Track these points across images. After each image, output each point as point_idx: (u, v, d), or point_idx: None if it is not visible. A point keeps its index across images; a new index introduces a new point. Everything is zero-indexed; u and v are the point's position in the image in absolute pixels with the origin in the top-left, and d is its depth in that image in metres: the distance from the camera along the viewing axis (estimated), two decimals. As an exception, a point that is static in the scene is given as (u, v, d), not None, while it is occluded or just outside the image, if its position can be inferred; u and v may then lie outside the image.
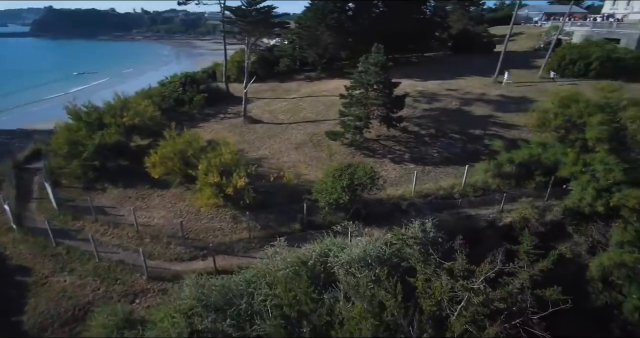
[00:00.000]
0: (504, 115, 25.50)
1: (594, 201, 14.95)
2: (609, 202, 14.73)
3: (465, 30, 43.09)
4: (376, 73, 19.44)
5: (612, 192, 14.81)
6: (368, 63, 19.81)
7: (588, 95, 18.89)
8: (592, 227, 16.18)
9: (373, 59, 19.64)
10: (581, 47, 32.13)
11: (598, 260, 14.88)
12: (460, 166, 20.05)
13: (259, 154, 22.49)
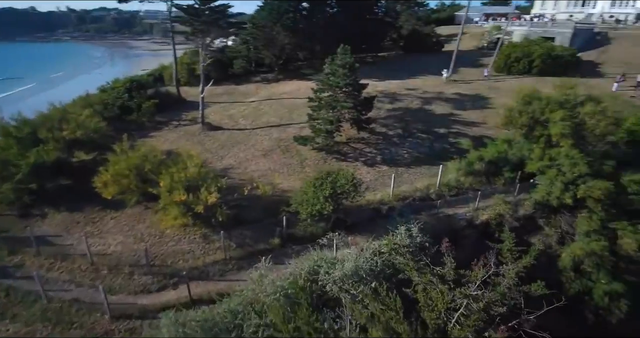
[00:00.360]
0: (463, 113, 26.32)
1: (562, 194, 15.63)
2: (576, 194, 15.47)
3: (415, 31, 44.28)
4: (345, 75, 18.86)
5: (577, 185, 15.58)
6: (335, 65, 19.18)
7: (536, 91, 19.97)
8: (560, 218, 16.99)
9: (340, 61, 19.03)
10: (524, 46, 34.33)
11: (570, 250, 15.60)
12: (430, 166, 20.23)
13: (224, 163, 20.92)
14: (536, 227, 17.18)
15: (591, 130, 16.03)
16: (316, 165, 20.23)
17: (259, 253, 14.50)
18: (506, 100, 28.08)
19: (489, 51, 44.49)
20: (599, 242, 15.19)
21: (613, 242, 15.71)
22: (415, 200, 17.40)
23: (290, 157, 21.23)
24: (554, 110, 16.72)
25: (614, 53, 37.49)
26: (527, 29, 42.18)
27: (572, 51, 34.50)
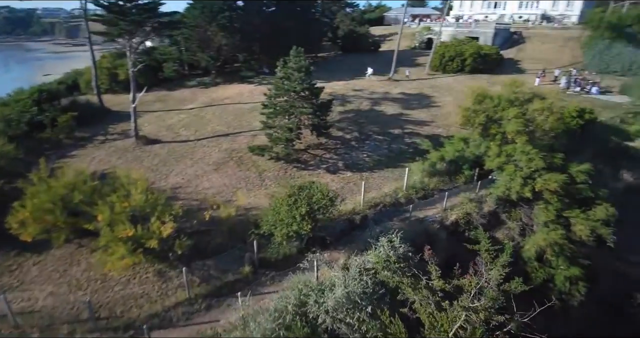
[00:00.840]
0: (412, 112, 26.73)
1: (522, 188, 16.25)
2: (534, 188, 16.19)
3: (352, 31, 44.57)
4: (301, 79, 17.64)
5: (534, 179, 16.32)
6: (290, 68, 17.84)
7: (485, 90, 20.88)
8: (519, 211, 17.77)
9: (295, 64, 17.75)
10: (455, 46, 36.25)
11: (533, 241, 16.31)
12: (393, 168, 19.97)
13: (170, 182, 18.38)
14: (499, 222, 17.77)
15: (541, 126, 16.97)
16: (277, 176, 18.73)
17: (228, 286, 12.77)
18: (448, 98, 29.34)
19: (422, 51, 46.62)
20: (557, 231, 16.08)
21: (568, 230, 16.78)
22: (386, 206, 16.89)
23: (247, 169, 19.41)
24: (506, 108, 17.41)
25: (528, 51, 41.51)
26: (453, 29, 44.88)
27: (496, 50, 37.34)
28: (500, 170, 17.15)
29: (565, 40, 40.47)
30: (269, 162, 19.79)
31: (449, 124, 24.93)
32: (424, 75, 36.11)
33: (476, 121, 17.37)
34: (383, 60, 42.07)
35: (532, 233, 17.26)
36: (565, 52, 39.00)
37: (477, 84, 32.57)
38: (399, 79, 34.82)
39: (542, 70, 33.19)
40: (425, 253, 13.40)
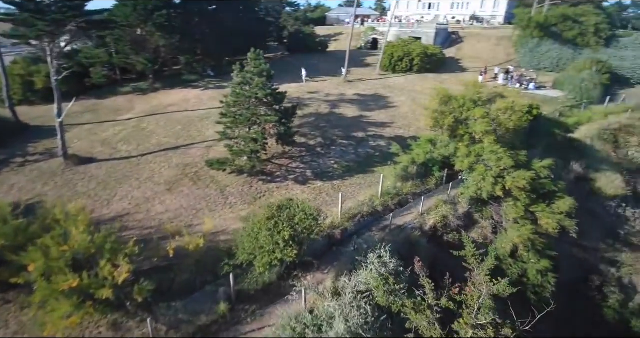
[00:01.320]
0: (371, 114, 26.32)
1: (494, 187, 16.38)
2: (505, 186, 16.40)
3: (299, 31, 43.36)
4: (263, 84, 16.04)
5: (504, 177, 16.54)
6: (250, 72, 16.13)
7: (447, 91, 21.04)
8: (490, 210, 18.00)
9: (255, 68, 16.09)
10: (403, 46, 36.78)
11: (508, 238, 16.56)
12: (363, 174, 19.22)
13: (114, 209, 15.72)
14: (473, 222, 17.86)
15: (505, 125, 17.30)
16: (241, 192, 16.94)
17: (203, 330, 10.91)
18: (403, 98, 29.49)
19: (368, 51, 46.95)
20: (527, 227, 16.48)
21: (535, 224, 17.31)
22: (364, 216, 16.02)
23: (206, 186, 17.33)
24: (471, 108, 17.50)
25: (466, 50, 43.72)
26: (397, 29, 45.78)
27: (440, 49, 38.62)
28: (471, 171, 17.16)
29: (499, 39, 43.29)
30: (231, 177, 17.90)
31: (409, 124, 24.92)
32: (375, 76, 36.15)
33: (445, 122, 17.23)
34: (333, 61, 41.62)
35: (504, 231, 17.60)
36: (499, 51, 41.67)
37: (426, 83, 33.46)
38: (352, 79, 34.42)
39: (484, 68, 34.96)
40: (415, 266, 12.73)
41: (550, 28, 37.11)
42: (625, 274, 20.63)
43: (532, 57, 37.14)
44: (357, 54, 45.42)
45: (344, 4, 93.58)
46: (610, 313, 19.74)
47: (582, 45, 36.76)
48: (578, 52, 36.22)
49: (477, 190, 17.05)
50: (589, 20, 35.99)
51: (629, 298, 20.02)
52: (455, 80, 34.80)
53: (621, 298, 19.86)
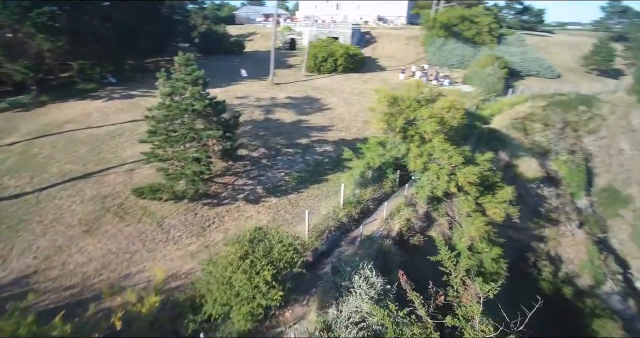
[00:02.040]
0: (309, 118, 25.18)
1: (448, 184, 16.65)
2: (458, 182, 16.79)
3: (211, 31, 39.95)
4: (200, 94, 13.61)
5: (455, 174, 16.92)
6: (182, 80, 13.51)
7: (391, 92, 20.99)
8: (444, 206, 18.37)
9: (188, 75, 13.53)
10: (326, 46, 36.37)
11: (466, 232, 17.02)
12: (318, 184, 17.97)
13: (14, 268, 11.79)
14: (431, 220, 18.01)
15: (449, 123, 17.72)
16: (185, 223, 14.27)
17: None
18: (335, 99, 29.01)
19: (287, 51, 45.70)
20: (480, 219, 17.17)
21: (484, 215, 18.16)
22: (331, 231, 14.82)
23: (137, 221, 14.19)
24: (417, 108, 17.53)
25: (380, 49, 45.47)
26: (314, 29, 45.36)
27: (359, 49, 39.25)
28: (425, 170, 17.20)
29: (408, 39, 45.97)
30: (167, 205, 15.01)
31: (348, 126, 24.44)
32: (301, 77, 35.09)
33: (397, 125, 16.93)
34: (253, 62, 39.42)
35: (459, 225, 18.13)
36: (410, 50, 44.23)
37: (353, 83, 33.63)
38: (279, 81, 32.81)
39: (403, 67, 36.56)
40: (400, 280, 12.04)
41: (452, 28, 40.56)
42: (551, 248, 23.26)
43: (440, 55, 40.14)
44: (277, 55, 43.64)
45: (248, 2, 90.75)
46: (545, 285, 22.02)
47: (479, 43, 41.03)
48: (477, 50, 40.31)
49: (433, 188, 17.18)
50: (483, 21, 40.33)
51: (557, 268, 22.62)
52: (378, 79, 35.77)
53: (552, 269, 22.32)
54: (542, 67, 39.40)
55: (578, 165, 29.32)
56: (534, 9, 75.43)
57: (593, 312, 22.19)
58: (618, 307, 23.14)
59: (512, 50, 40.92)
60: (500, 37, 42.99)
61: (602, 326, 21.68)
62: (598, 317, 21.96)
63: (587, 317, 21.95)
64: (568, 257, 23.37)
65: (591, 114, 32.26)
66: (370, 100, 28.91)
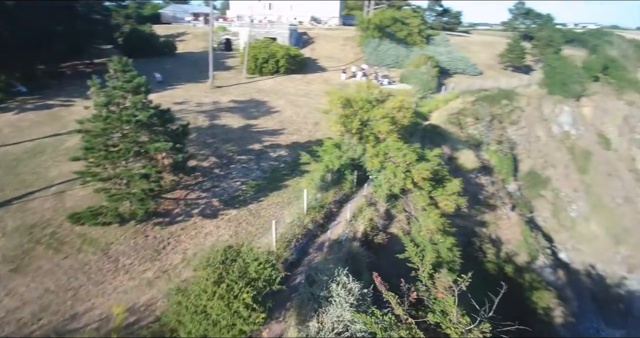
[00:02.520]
0: (258, 122, 24.31)
1: (404, 181, 17.20)
2: (413, 179, 17.42)
3: (136, 31, 36.66)
4: (143, 103, 12.24)
5: (410, 171, 17.53)
6: (120, 89, 11.99)
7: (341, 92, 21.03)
8: (401, 202, 18.94)
9: (127, 82, 12.05)
10: (266, 47, 35.46)
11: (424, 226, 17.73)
12: (277, 191, 17.38)
13: None
14: (391, 217, 18.46)
15: (400, 122, 18.29)
16: (135, 248, 12.77)
17: None
18: (281, 102, 28.47)
19: (223, 52, 43.83)
20: (434, 211, 18.03)
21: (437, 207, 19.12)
22: (299, 239, 14.38)
23: (77, 252, 12.36)
24: (370, 109, 17.80)
25: (319, 50, 45.75)
26: (251, 29, 43.98)
27: (299, 51, 38.97)
28: (382, 169, 17.54)
29: (345, 39, 46.88)
30: (111, 229, 13.32)
31: (299, 129, 24.08)
32: (243, 79, 33.80)
33: (353, 126, 16.98)
34: (187, 64, 37.13)
35: (415, 219, 18.85)
36: (348, 50, 45.16)
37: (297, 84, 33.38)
38: (220, 84, 31.23)
39: (344, 68, 37.15)
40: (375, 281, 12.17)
41: (385, 29, 42.23)
42: (492, 231, 25.36)
43: (376, 55, 41.57)
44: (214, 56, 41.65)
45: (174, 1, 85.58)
46: (490, 266, 23.94)
47: (411, 44, 43.30)
48: (410, 50, 42.50)
49: (390, 186, 17.61)
50: (413, 22, 42.62)
51: (499, 249, 24.73)
52: (320, 79, 35.91)
53: (494, 251, 24.35)
54: (466, 65, 42.87)
55: (506, 154, 32.41)
56: (453, 11, 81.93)
57: (531, 286, 24.64)
58: (550, 279, 26.08)
59: (440, 49, 43.91)
60: (428, 37, 45.86)
61: (540, 297, 24.21)
62: (536, 290, 24.47)
63: (526, 290, 24.31)
64: (507, 238, 25.69)
65: (512, 107, 35.93)
66: (317, 101, 28.92)
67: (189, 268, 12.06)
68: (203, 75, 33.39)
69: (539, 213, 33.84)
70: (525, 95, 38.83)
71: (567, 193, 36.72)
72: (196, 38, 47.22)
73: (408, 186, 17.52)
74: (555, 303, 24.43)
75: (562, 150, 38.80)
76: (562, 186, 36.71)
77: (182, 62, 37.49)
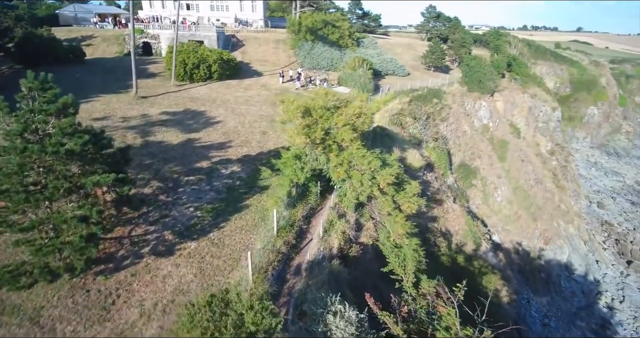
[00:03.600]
0: (200, 135, 21.96)
1: (371, 189, 16.85)
2: (379, 185, 17.14)
3: (33, 35, 30.84)
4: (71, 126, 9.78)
5: (375, 177, 17.23)
6: (41, 111, 9.37)
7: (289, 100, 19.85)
8: (367, 210, 18.57)
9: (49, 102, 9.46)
10: (194, 51, 32.47)
11: (393, 232, 17.56)
12: (238, 213, 15.70)
13: None
14: (360, 226, 17.96)
15: (360, 129, 17.84)
16: (75, 309, 10.21)
17: None
18: (221, 110, 26.36)
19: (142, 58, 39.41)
20: (400, 215, 18.02)
21: (400, 210, 19.17)
22: (275, 266, 12.99)
23: None
24: (329, 117, 17.03)
25: (251, 53, 43.76)
26: (172, 32, 40.21)
27: (231, 55, 36.60)
28: (348, 177, 16.94)
29: (276, 42, 45.53)
30: (38, 289, 10.52)
31: (247, 140, 22.35)
32: (172, 87, 30.51)
33: (316, 136, 15.99)
34: (100, 73, 32.49)
35: (382, 225, 18.65)
36: (280, 53, 43.93)
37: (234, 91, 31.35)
38: (146, 94, 27.74)
39: (281, 71, 35.89)
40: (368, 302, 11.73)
41: (317, 32, 41.97)
42: (442, 225, 26.53)
43: (311, 58, 41.08)
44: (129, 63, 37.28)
45: (72, 1, 75.46)
46: (445, 259, 25.00)
47: (343, 47, 43.70)
48: (343, 53, 42.84)
49: (358, 195, 17.13)
50: (344, 25, 43.03)
51: (449, 242, 25.95)
52: (258, 85, 34.21)
53: (446, 243, 25.50)
54: (396, 67, 44.70)
55: (442, 149, 34.38)
56: (373, 14, 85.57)
57: (480, 271, 26.35)
58: (493, 262, 28.25)
59: (370, 52, 45.11)
60: (358, 40, 46.83)
61: (488, 281, 26.02)
62: (484, 274, 26.24)
63: (477, 276, 25.94)
64: (454, 230, 27.12)
65: (442, 105, 38.32)
66: (259, 108, 27.35)
67: (151, 324, 10.05)
68: (123, 84, 29.51)
69: (473, 201, 36.65)
70: (450, 93, 41.78)
71: (492, 181, 40.42)
72: (106, 42, 41.74)
73: (375, 193, 17.21)
74: (501, 284, 26.50)
75: (484, 142, 42.63)
76: (488, 174, 40.30)
77: (94, 70, 32.64)
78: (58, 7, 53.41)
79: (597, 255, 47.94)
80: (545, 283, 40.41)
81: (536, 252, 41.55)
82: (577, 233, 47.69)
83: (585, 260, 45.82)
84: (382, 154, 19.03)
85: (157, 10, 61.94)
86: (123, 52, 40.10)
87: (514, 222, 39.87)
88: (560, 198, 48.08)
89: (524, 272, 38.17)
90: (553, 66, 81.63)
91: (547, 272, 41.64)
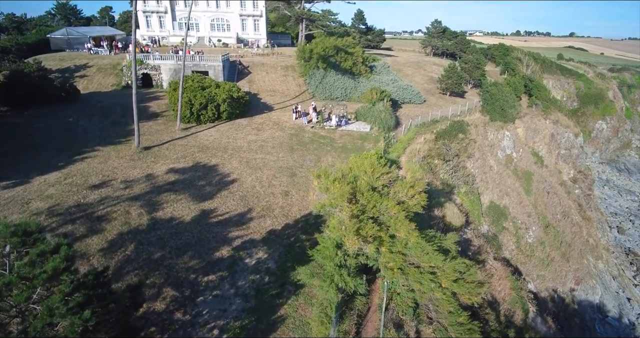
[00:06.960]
0: (214, 204, 18.73)
1: (432, 292, 13.80)
2: (441, 284, 14.08)
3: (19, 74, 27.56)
4: (62, 301, 6.61)
5: (435, 273, 14.17)
6: (26, 281, 6.24)
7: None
8: (422, 309, 15.45)
9: (27, 265, 6.34)
10: (201, 88, 29.31)
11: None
12: (273, 332, 12.49)
13: None
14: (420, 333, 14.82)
15: (411, 210, 14.78)
16: None
17: None
18: (235, 163, 23.20)
19: (141, 90, 36.15)
20: (464, 315, 14.99)
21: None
22: None
23: None
24: (378, 201, 13.96)
25: (258, 82, 40.75)
26: (174, 62, 37.15)
27: (242, 91, 33.34)
28: (402, 274, 13.86)
29: (284, 69, 42.57)
30: None
31: (269, 206, 19.20)
32: (177, 132, 27.24)
33: (369, 233, 12.88)
34: (97, 114, 29.24)
35: (443, 328, 15.55)
36: (290, 82, 40.97)
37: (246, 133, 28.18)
38: (149, 144, 24.52)
39: (295, 106, 32.85)
40: None
41: (329, 59, 39.14)
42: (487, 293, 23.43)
43: (323, 88, 38.18)
44: (129, 99, 34.09)
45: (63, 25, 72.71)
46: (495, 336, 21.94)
47: (357, 74, 40.88)
48: (357, 81, 40.01)
49: (414, 297, 14.12)
50: (357, 52, 40.28)
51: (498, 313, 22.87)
52: (271, 123, 31.14)
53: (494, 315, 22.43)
54: (412, 94, 41.92)
55: (474, 193, 31.47)
56: (377, 30, 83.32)
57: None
58: (543, 329, 25.22)
59: (384, 79, 42.33)
60: (371, 66, 44.11)
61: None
62: (537, 349, 23.11)
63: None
64: (501, 297, 24.05)
65: (467, 140, 35.54)
66: (276, 157, 24.28)
67: None
68: (122, 130, 26.30)
69: (506, 247, 33.68)
70: (473, 124, 39.05)
71: (523, 221, 37.54)
72: (102, 72, 38.48)
73: (436, 294, 14.15)
74: (555, 357, 23.41)
75: (511, 177, 39.83)
76: (518, 214, 37.42)
77: (89, 111, 29.32)
78: (49, 29, 50.09)
79: (628, 292, 45.16)
80: (580, 330, 37.38)
81: (570, 295, 38.69)
82: (607, 269, 44.93)
83: (617, 299, 43.00)
84: (436, 235, 16.02)
85: (155, 30, 58.92)
86: (120, 84, 36.86)
87: (548, 266, 36.91)
88: (588, 232, 45.35)
89: (559, 320, 35.18)
90: (560, 80, 79.74)
91: (581, 317, 38.66)
